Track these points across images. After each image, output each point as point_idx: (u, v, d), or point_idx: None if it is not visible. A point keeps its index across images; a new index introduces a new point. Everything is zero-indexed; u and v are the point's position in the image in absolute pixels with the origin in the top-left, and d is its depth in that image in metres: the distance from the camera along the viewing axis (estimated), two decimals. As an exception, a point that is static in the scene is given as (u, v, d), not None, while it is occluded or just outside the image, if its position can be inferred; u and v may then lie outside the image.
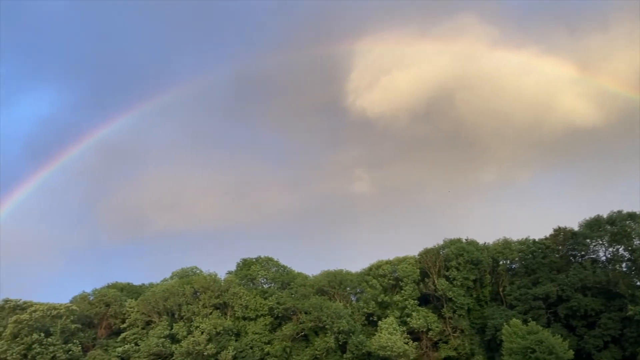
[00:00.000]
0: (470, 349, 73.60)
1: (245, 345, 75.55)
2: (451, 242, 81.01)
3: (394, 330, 71.10)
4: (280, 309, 78.77)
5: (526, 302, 72.34)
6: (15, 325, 73.54)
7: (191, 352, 72.54)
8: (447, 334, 75.22)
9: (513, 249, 78.53)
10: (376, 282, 79.39)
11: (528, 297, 72.39)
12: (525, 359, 59.35)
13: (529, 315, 69.31)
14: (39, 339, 73.07)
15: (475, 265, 76.84)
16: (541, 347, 58.76)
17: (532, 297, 72.04)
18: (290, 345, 75.90)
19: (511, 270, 79.84)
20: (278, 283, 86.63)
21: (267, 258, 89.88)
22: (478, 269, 77.03)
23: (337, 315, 72.89)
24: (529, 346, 59.33)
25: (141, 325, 79.53)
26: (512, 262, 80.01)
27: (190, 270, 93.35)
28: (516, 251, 78.11)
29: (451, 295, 75.00)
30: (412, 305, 75.85)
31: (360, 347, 70.94)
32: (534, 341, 59.34)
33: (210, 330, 74.37)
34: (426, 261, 79.48)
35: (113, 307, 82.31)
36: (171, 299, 79.01)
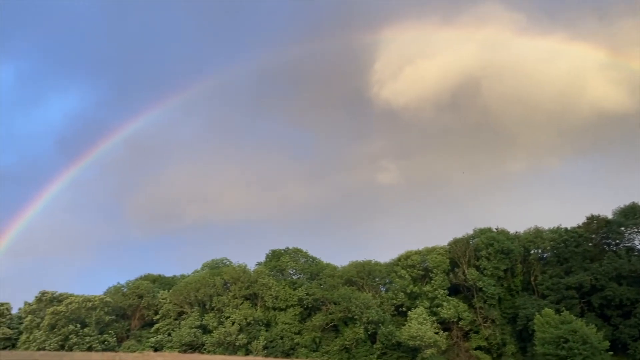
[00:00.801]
0: (501, 339, 72.99)
1: (275, 336, 76.26)
2: (481, 231, 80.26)
3: (424, 320, 70.90)
4: (309, 300, 79.26)
5: (559, 292, 71.30)
6: (52, 316, 75.59)
7: (222, 342, 73.54)
8: (477, 324, 74.71)
9: (545, 238, 77.31)
10: (405, 273, 79.12)
11: (560, 286, 71.34)
12: (558, 349, 58.57)
13: (561, 304, 68.29)
14: (75, 330, 75.02)
15: (505, 255, 76.02)
16: (575, 337, 57.89)
17: (565, 287, 70.97)
18: (319, 336, 76.34)
19: (543, 259, 78.62)
20: (307, 274, 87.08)
21: (296, 249, 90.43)
22: (509, 258, 76.20)
23: (366, 306, 73.00)
24: (562, 336, 58.51)
25: (173, 316, 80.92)
26: (544, 251, 78.70)
27: (221, 261, 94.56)
28: (548, 240, 76.85)
29: (481, 285, 74.38)
30: (442, 295, 75.42)
31: (390, 338, 70.94)
32: (567, 331, 58.47)
33: (241, 320, 75.27)
34: (456, 251, 78.93)
35: (146, 299, 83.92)
36: (202, 290, 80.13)
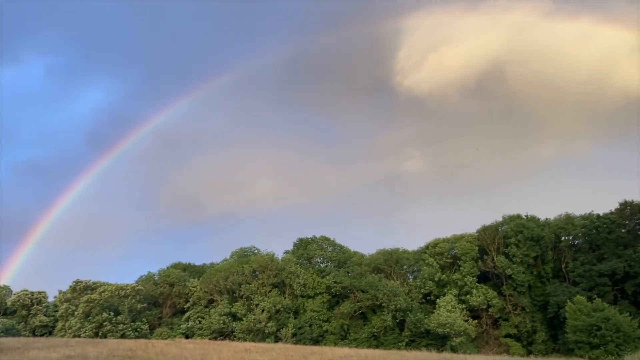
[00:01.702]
0: (531, 327, 72.23)
1: (303, 323, 76.89)
2: (510, 218, 79.23)
3: (452, 308, 70.57)
4: (337, 288, 79.61)
5: (591, 279, 70.14)
6: (86, 304, 77.55)
7: (252, 329, 74.49)
8: (507, 311, 74.02)
9: (576, 225, 75.89)
10: (433, 261, 78.73)
11: (593, 273, 70.13)
12: (590, 336, 57.76)
13: (593, 292, 67.18)
14: (109, 318, 76.83)
15: (536, 242, 74.98)
16: (607, 325, 56.98)
17: (597, 274, 69.74)
18: (348, 323, 76.72)
19: (574, 246, 77.27)
20: (334, 262, 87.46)
21: (324, 237, 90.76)
22: (539, 245, 75.15)
23: (394, 293, 72.97)
24: (594, 324, 57.65)
25: (203, 303, 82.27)
26: (575, 238, 77.29)
27: (249, 250, 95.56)
28: (579, 227, 75.42)
29: (510, 272, 73.56)
30: (471, 283, 74.86)
31: (418, 325, 70.84)
32: (600, 319, 57.58)
33: (270, 308, 76.07)
34: (485, 238, 78.13)
35: (177, 287, 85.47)
36: (230, 278, 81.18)
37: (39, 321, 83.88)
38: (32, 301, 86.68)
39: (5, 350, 39.31)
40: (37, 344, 45.50)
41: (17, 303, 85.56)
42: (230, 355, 39.34)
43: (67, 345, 45.46)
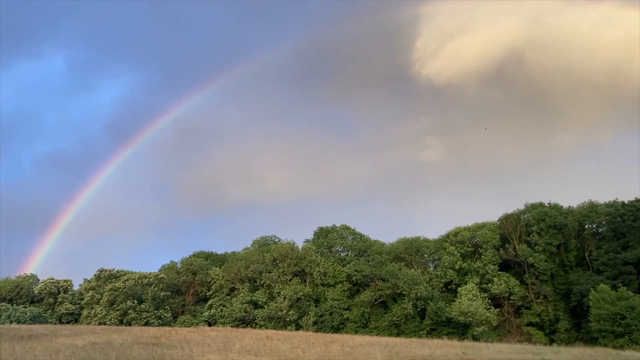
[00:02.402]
0: (554, 315, 71.65)
1: (324, 311, 77.30)
2: (532, 206, 78.41)
3: (474, 296, 70.27)
4: (358, 276, 79.77)
5: (615, 267, 69.19)
6: (110, 292, 78.89)
7: (273, 316, 75.12)
8: (529, 300, 73.47)
9: (600, 212, 74.78)
10: (454, 249, 78.39)
11: (617, 261, 69.17)
12: (614, 325, 57.18)
13: (618, 280, 66.28)
14: (133, 306, 78.11)
15: (558, 230, 74.17)
16: (632, 314, 56.33)
17: (622, 262, 68.77)
18: (368, 311, 76.92)
19: (598, 234, 76.24)
20: (355, 251, 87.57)
21: (344, 226, 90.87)
22: (562, 233, 74.34)
23: (414, 282, 72.90)
24: (618, 312, 57.04)
25: (225, 291, 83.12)
26: (599, 226, 76.20)
27: (270, 238, 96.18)
28: (603, 214, 74.30)
29: (533, 260, 72.93)
30: (493, 271, 74.40)
31: (439, 314, 70.74)
32: (625, 307, 56.94)
33: (291, 296, 76.58)
34: (506, 227, 77.50)
35: (199, 275, 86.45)
36: (251, 266, 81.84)
37: (65, 309, 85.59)
38: (58, 289, 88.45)
39: (33, 337, 40.21)
40: (64, 331, 46.45)
41: (44, 291, 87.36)
42: (252, 342, 39.72)
43: (92, 332, 46.35)
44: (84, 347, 34.80)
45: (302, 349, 35.96)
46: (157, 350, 33.60)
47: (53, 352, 31.62)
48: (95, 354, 31.14)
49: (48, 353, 31.30)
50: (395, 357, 30.92)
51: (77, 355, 30.41)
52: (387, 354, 32.86)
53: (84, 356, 30.05)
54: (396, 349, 36.16)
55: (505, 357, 30.81)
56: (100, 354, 31.55)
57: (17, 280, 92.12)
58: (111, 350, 33.46)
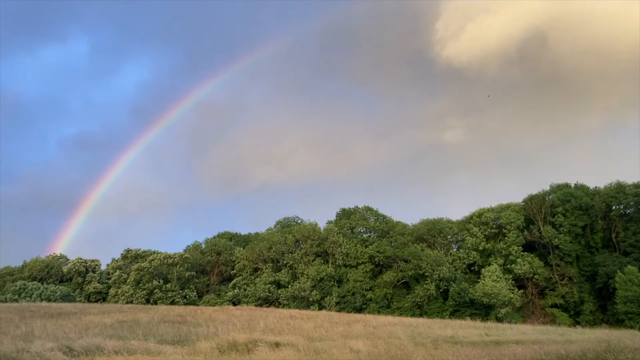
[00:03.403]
0: (579, 297, 70.93)
1: (347, 292, 77.70)
2: (558, 187, 77.30)
3: (497, 278, 69.90)
4: (380, 257, 79.86)
5: (642, 249, 68.09)
6: (137, 272, 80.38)
7: (296, 296, 75.80)
8: (554, 281, 72.80)
9: (627, 193, 73.37)
10: (477, 230, 77.87)
11: (645, 243, 68.05)
12: (641, 307, 56.48)
13: (645, 262, 65.31)
14: (159, 285, 79.51)
15: (584, 211, 73.07)
16: (660, 296, 55.55)
17: (649, 244, 67.64)
18: (391, 292, 77.09)
19: (626, 215, 74.86)
20: (377, 232, 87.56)
21: (366, 207, 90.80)
22: (588, 214, 73.23)
23: (437, 263, 72.74)
24: (646, 294, 56.30)
25: (249, 272, 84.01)
26: (627, 207, 74.85)
27: (292, 219, 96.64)
28: (631, 195, 72.89)
29: (557, 242, 72.08)
30: (517, 252, 73.82)
31: (462, 295, 70.61)
32: (652, 289, 56.16)
33: (314, 276, 77.11)
34: (531, 208, 76.59)
35: (223, 255, 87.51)
36: (274, 247, 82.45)
37: (93, 288, 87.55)
38: (86, 269, 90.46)
39: (63, 314, 41.31)
40: (92, 310, 47.61)
41: (72, 270, 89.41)
42: (276, 321, 40.24)
43: (120, 311, 47.41)
44: (112, 324, 35.64)
45: (325, 328, 36.30)
46: (183, 328, 34.24)
47: (82, 329, 32.47)
48: (123, 332, 31.89)
49: (77, 330, 32.14)
50: (418, 337, 31.03)
51: (106, 332, 31.18)
52: (410, 333, 33.00)
53: (112, 333, 30.79)
54: (419, 329, 36.30)
55: (529, 338, 30.70)
56: (128, 331, 32.30)
57: (46, 260, 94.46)
58: (138, 328, 34.22)
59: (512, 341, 28.85)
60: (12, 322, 35.23)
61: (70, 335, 29.83)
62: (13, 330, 30.82)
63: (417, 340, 28.75)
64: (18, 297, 77.16)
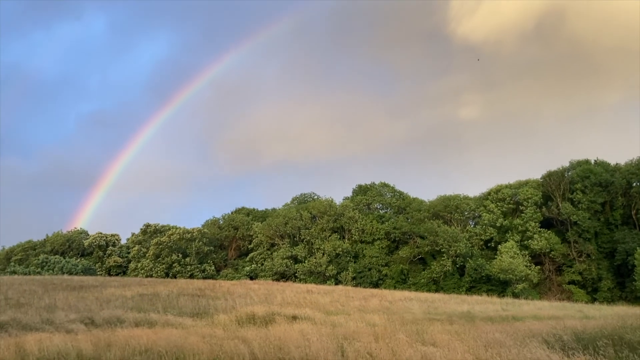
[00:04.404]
0: (597, 274, 70.48)
1: (363, 267, 78.17)
2: (578, 163, 76.33)
3: (515, 254, 69.70)
4: (396, 233, 79.98)
5: (663, 226, 67.25)
6: (156, 246, 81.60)
7: (313, 271, 76.47)
8: (571, 258, 72.39)
9: (649, 170, 72.25)
10: (494, 207, 77.46)
11: (665, 220, 67.16)
12: (660, 285, 56.00)
13: (665, 239, 64.55)
14: (178, 259, 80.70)
15: (604, 188, 72.19)
16: (680, 273, 54.98)
17: (670, 221, 66.75)
18: (407, 268, 77.37)
19: (646, 192, 73.82)
20: (394, 208, 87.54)
21: (383, 184, 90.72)
22: (607, 191, 72.35)
23: (454, 239, 72.69)
24: (665, 272, 55.76)
25: (266, 247, 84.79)
26: (648, 183, 73.78)
27: (309, 195, 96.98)
28: (653, 171, 71.78)
29: (576, 218, 71.45)
30: (534, 228, 73.40)
31: (479, 271, 70.63)
32: (672, 267, 55.58)
33: (330, 252, 77.62)
34: (549, 184, 75.85)
35: (241, 230, 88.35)
36: (290, 223, 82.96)
37: (113, 261, 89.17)
38: (106, 243, 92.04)
39: (84, 287, 42.20)
40: (113, 283, 48.54)
41: (93, 244, 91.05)
42: (293, 295, 40.70)
43: (140, 284, 48.26)
44: (132, 297, 36.35)
45: (341, 303, 36.65)
46: (202, 301, 34.79)
47: (104, 302, 33.17)
48: (144, 304, 32.52)
49: (99, 303, 32.85)
50: (434, 312, 31.21)
51: (126, 305, 31.83)
52: (426, 308, 33.19)
53: (133, 306, 31.43)
54: (435, 304, 36.48)
55: (546, 314, 30.71)
56: (148, 304, 32.94)
57: (68, 234, 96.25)
58: (158, 301, 34.86)
59: (528, 316, 28.88)
60: (36, 294, 36.12)
61: (91, 307, 30.51)
62: (37, 302, 31.61)
63: (433, 315, 28.93)
64: (41, 270, 78.90)
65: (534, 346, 14.02)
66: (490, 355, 12.59)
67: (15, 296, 34.39)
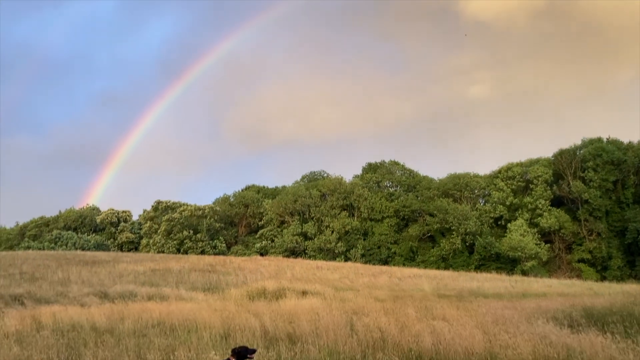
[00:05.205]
0: (607, 252, 70.35)
1: (372, 245, 78.44)
2: (590, 141, 75.64)
3: (524, 232, 69.61)
4: (406, 211, 79.99)
5: (675, 205, 66.77)
6: (168, 223, 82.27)
7: (323, 248, 76.87)
8: (581, 236, 72.21)
9: (662, 148, 71.55)
10: (504, 185, 77.17)
11: (678, 199, 66.65)
12: (671, 263, 55.80)
13: (677, 218, 64.15)
14: (189, 236, 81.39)
15: (616, 166, 71.65)
16: (691, 252, 54.73)
17: (683, 200, 66.23)
18: (416, 245, 77.55)
19: (659, 170, 73.19)
20: (404, 186, 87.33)
21: (393, 162, 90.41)
22: (619, 169, 71.81)
23: (464, 217, 72.65)
24: (676, 250, 55.51)
25: (276, 224, 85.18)
26: (661, 162, 73.04)
27: (319, 173, 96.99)
28: (666, 150, 71.08)
29: (587, 197, 71.07)
30: (544, 206, 73.11)
31: (488, 248, 70.68)
32: (683, 245, 55.31)
33: (339, 229, 77.90)
34: (561, 162, 75.34)
35: (251, 208, 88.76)
36: (299, 201, 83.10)
37: (125, 237, 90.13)
38: (118, 219, 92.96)
39: (97, 262, 42.78)
40: (125, 258, 49.13)
41: (105, 221, 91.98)
42: (303, 271, 41.06)
43: (152, 259, 48.84)
44: (145, 272, 36.85)
45: (350, 279, 36.96)
46: (213, 276, 35.25)
47: (116, 277, 33.66)
48: (156, 279, 32.97)
49: (112, 277, 33.34)
50: (444, 288, 31.38)
51: (139, 280, 32.28)
52: (435, 285, 33.38)
53: (145, 281, 31.88)
54: (444, 281, 36.67)
55: (555, 291, 30.80)
56: (160, 279, 33.39)
57: (80, 211, 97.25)
58: (170, 276, 35.34)
59: (538, 293, 28.98)
60: (50, 268, 36.69)
61: (104, 281, 30.99)
62: (51, 276, 32.16)
63: (443, 292, 29.11)
64: (54, 245, 79.97)
65: (543, 322, 14.10)
66: (499, 330, 12.69)
67: (30, 270, 34.98)
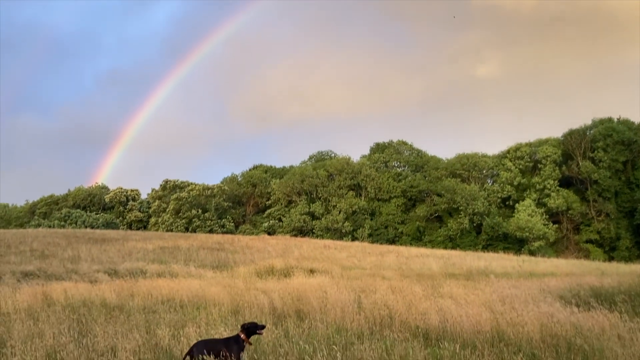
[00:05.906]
0: (615, 233, 70.13)
1: (379, 225, 78.57)
2: (600, 121, 74.93)
3: (532, 212, 69.43)
4: (413, 191, 79.91)
5: (685, 186, 66.28)
6: (176, 202, 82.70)
7: (330, 228, 77.10)
8: (590, 217, 71.95)
9: (674, 128, 70.80)
10: (512, 165, 76.81)
11: (688, 180, 66.13)
12: (680, 244, 55.59)
13: (687, 199, 63.70)
14: (197, 215, 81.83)
15: (626, 147, 71.04)
16: (700, 233, 54.45)
17: (693, 180, 65.73)
18: (423, 225, 77.59)
19: (670, 151, 72.50)
20: (411, 166, 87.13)
21: (401, 141, 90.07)
22: (630, 150, 71.21)
23: (472, 197, 72.50)
24: (685, 231, 55.25)
25: (284, 203, 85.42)
26: (672, 142, 72.34)
27: (326, 153, 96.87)
28: (677, 130, 70.34)
29: (596, 177, 70.64)
30: (552, 186, 72.78)
31: (496, 229, 70.62)
32: (692, 226, 55.02)
33: (346, 209, 78.02)
34: (570, 142, 74.77)
35: (259, 187, 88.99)
36: (307, 181, 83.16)
37: (134, 216, 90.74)
38: (127, 198, 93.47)
39: (107, 240, 43.18)
40: (134, 236, 49.53)
41: (114, 199, 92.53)
42: (310, 250, 41.26)
43: (161, 238, 49.21)
44: (154, 250, 37.17)
45: (357, 258, 37.10)
46: (222, 255, 35.50)
47: (126, 254, 33.99)
48: (165, 257, 33.26)
49: (121, 255, 33.68)
50: (451, 268, 31.45)
51: (148, 257, 32.58)
52: (443, 264, 33.45)
53: (154, 258, 32.17)
54: (452, 261, 36.72)
55: (562, 271, 30.80)
56: (169, 256, 33.68)
57: (89, 189, 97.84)
58: (179, 253, 35.63)
59: (545, 273, 29.00)
60: (60, 246, 37.09)
61: (114, 259, 31.30)
62: (61, 253, 32.52)
63: (450, 271, 29.19)
64: (64, 223, 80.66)
65: (550, 301, 14.11)
66: (506, 309, 12.70)
67: (40, 248, 35.38)
